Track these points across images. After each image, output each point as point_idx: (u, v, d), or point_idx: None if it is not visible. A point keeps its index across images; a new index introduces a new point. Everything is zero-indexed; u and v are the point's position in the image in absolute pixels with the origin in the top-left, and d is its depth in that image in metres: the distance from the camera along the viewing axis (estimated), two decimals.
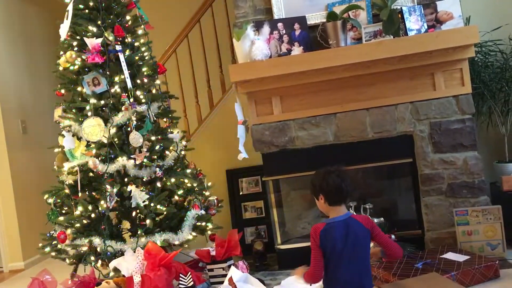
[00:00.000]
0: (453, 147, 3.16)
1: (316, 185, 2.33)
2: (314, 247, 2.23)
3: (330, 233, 2.23)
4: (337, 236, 2.21)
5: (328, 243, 2.21)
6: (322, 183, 2.31)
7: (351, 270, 2.20)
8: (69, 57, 3.14)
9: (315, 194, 2.34)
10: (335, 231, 2.23)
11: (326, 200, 2.29)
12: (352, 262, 2.20)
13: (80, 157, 3.09)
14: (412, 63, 3.10)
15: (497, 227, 2.96)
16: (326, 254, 2.21)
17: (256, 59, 3.18)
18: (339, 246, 2.20)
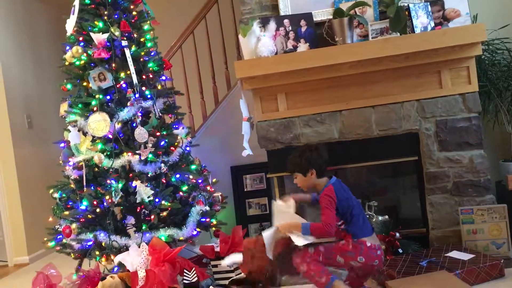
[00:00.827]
0: (459, 145, 3.14)
1: (308, 161, 2.42)
2: (330, 204, 2.36)
3: (341, 186, 2.44)
4: (346, 189, 2.45)
5: (345, 193, 2.42)
6: (316, 158, 2.43)
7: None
8: (75, 52, 3.15)
9: (304, 170, 2.42)
10: (342, 185, 2.45)
11: (318, 173, 2.41)
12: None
13: (86, 152, 3.10)
14: (419, 61, 3.09)
15: (503, 226, 2.95)
16: (349, 204, 2.40)
17: (262, 56, 3.18)
18: (351, 197, 2.44)
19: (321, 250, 2.41)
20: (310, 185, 2.46)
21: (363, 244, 2.39)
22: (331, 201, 2.38)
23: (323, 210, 2.39)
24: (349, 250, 2.39)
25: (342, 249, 2.41)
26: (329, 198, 2.38)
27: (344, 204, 2.42)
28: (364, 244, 2.39)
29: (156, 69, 3.36)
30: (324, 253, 2.41)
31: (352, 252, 2.39)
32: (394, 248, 3.05)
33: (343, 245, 2.41)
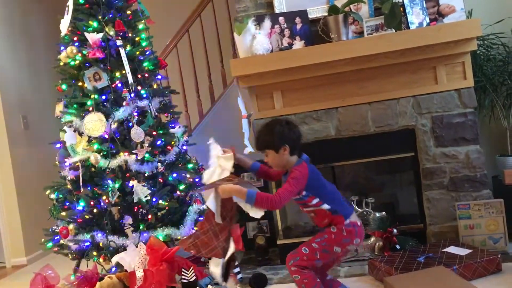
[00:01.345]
0: (455, 141, 3.15)
1: (280, 136, 2.23)
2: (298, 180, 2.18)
3: (311, 166, 2.28)
4: (315, 167, 2.30)
5: (315, 174, 2.27)
6: (289, 132, 2.25)
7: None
8: (70, 52, 3.14)
9: (276, 146, 2.22)
10: (312, 165, 2.29)
11: (291, 150, 2.23)
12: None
13: (82, 153, 3.10)
14: (414, 57, 3.09)
15: (499, 220, 2.96)
16: (318, 187, 2.25)
17: (257, 54, 3.17)
18: (321, 175, 2.30)
19: (315, 247, 2.27)
20: (283, 162, 2.27)
21: (355, 225, 2.28)
22: (301, 178, 2.19)
23: (287, 182, 2.20)
24: (344, 237, 2.26)
25: (338, 238, 2.27)
26: (300, 174, 2.20)
27: (315, 182, 2.26)
28: (356, 225, 2.28)
29: (152, 68, 3.35)
30: (319, 249, 2.27)
31: (348, 238, 2.27)
32: (391, 244, 3.06)
33: (337, 233, 2.26)
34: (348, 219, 2.27)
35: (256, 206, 2.16)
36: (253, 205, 2.16)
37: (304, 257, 2.27)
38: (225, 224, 2.35)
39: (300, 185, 2.20)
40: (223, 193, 2.23)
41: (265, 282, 2.98)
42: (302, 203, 2.32)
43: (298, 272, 2.25)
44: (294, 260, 2.28)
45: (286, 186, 2.18)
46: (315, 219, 2.35)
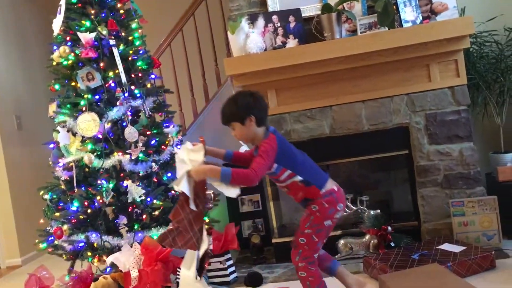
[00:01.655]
0: (448, 138, 3.16)
1: (245, 106, 2.15)
2: (268, 153, 2.12)
3: (280, 136, 2.22)
4: (283, 137, 2.26)
5: (284, 143, 2.21)
6: (254, 102, 2.18)
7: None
8: (63, 52, 3.12)
9: (242, 117, 2.15)
10: (281, 135, 2.25)
11: (258, 121, 2.16)
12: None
13: (76, 153, 3.08)
14: (407, 55, 3.10)
15: (493, 217, 2.97)
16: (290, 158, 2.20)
17: (251, 52, 3.17)
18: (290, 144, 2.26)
19: (309, 232, 2.22)
20: (250, 135, 2.19)
21: (333, 192, 2.23)
22: (270, 150, 2.13)
23: (258, 156, 2.12)
24: (328, 208, 2.21)
25: (324, 213, 2.21)
26: (269, 147, 2.13)
27: (285, 153, 2.20)
28: (333, 192, 2.23)
29: (145, 67, 3.34)
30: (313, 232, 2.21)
31: (331, 207, 2.22)
32: (386, 242, 3.06)
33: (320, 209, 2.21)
34: (324, 189, 2.22)
35: (233, 183, 2.07)
36: (229, 183, 2.07)
37: (305, 247, 2.23)
38: (198, 213, 2.24)
39: (271, 157, 2.13)
40: (197, 174, 2.13)
41: (260, 281, 2.98)
42: (275, 178, 2.26)
43: (305, 269, 2.23)
44: (299, 255, 2.24)
45: (258, 159, 2.11)
46: (291, 194, 2.29)
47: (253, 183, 2.08)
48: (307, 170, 2.24)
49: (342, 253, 3.17)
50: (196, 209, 2.21)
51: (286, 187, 2.27)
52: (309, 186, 2.22)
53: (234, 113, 2.18)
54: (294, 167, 2.21)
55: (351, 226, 3.33)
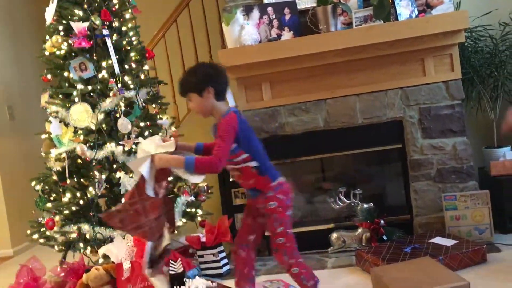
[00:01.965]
0: (442, 132, 3.17)
1: (204, 77, 2.06)
2: (228, 134, 2.02)
3: (242, 117, 2.12)
4: (246, 121, 2.16)
5: (245, 125, 2.12)
6: (214, 74, 2.08)
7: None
8: (55, 41, 3.09)
9: (200, 88, 2.05)
10: (243, 117, 2.14)
11: (217, 94, 2.06)
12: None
13: (68, 144, 3.06)
14: (403, 48, 3.09)
15: (485, 211, 2.99)
16: (249, 140, 2.11)
17: (246, 44, 3.15)
18: (253, 131, 2.18)
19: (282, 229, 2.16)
20: (207, 108, 2.09)
21: (283, 184, 2.18)
22: (230, 130, 2.03)
23: (218, 140, 2.03)
24: (285, 199, 2.17)
25: (283, 206, 2.16)
26: (228, 127, 2.03)
27: (246, 135, 2.10)
28: (283, 183, 2.19)
29: (139, 58, 3.32)
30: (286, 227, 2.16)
31: (287, 198, 2.18)
32: (378, 235, 3.08)
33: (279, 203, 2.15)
34: (275, 181, 2.16)
35: (197, 171, 2.02)
36: (193, 172, 2.01)
37: (287, 244, 2.17)
38: (156, 202, 2.12)
39: (232, 137, 2.04)
40: (160, 161, 2.05)
41: None
42: (230, 158, 2.13)
43: (297, 264, 2.19)
44: (286, 255, 2.19)
45: (219, 142, 2.03)
46: (241, 179, 2.20)
47: (218, 170, 2.03)
48: (264, 159, 2.17)
49: (335, 246, 3.18)
50: (153, 196, 2.10)
51: (238, 170, 2.15)
52: (262, 175, 2.14)
53: (191, 83, 2.09)
54: (251, 151, 2.12)
55: (344, 220, 3.34)
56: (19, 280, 2.86)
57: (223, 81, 2.14)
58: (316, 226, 3.36)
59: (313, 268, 2.93)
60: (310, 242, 3.27)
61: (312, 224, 3.41)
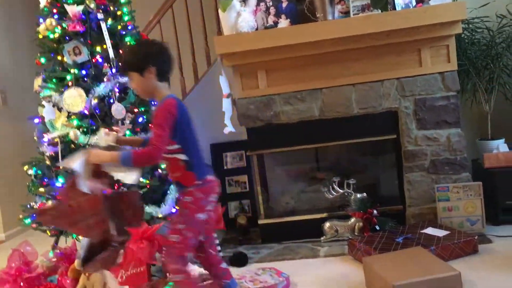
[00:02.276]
0: (437, 124, 3.17)
1: (145, 55, 1.95)
2: (166, 121, 1.91)
3: (183, 106, 1.99)
4: (187, 110, 2.01)
5: (185, 118, 1.97)
6: (157, 53, 1.97)
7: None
8: (49, 24, 3.05)
9: (141, 67, 1.95)
10: (185, 107, 2.01)
11: (158, 73, 1.96)
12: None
13: (61, 128, 3.03)
14: (399, 39, 3.08)
15: (477, 203, 3.01)
16: (185, 131, 1.98)
17: (242, 31, 3.13)
18: (192, 121, 2.03)
19: (182, 227, 2.01)
20: (149, 89, 2.00)
21: (208, 182, 2.05)
22: (168, 116, 1.92)
23: (154, 127, 1.93)
24: (201, 199, 2.02)
25: (197, 205, 2.01)
26: (166, 113, 1.92)
27: (183, 126, 1.98)
28: (208, 181, 2.05)
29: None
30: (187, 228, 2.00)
31: (204, 198, 2.03)
32: (371, 225, 3.09)
33: (194, 200, 2.01)
34: (201, 180, 2.03)
35: (135, 164, 1.92)
36: (131, 165, 1.92)
37: (177, 245, 2.00)
38: (93, 198, 2.00)
39: (170, 124, 1.92)
40: (94, 157, 1.95)
41: (245, 261, 2.99)
42: None
43: (180, 271, 2.00)
44: (170, 257, 2.02)
45: (156, 131, 1.92)
46: (167, 169, 2.12)
47: (157, 160, 1.95)
48: (196, 154, 2.04)
49: (328, 235, 3.19)
50: (88, 192, 1.99)
51: (167, 160, 2.04)
52: (189, 171, 2.02)
53: (132, 61, 1.99)
54: (185, 143, 2.00)
55: (337, 209, 3.34)
56: (11, 265, 2.84)
57: (166, 61, 2.02)
58: (309, 215, 3.37)
59: (305, 256, 2.99)
60: (303, 231, 3.29)
61: (305, 213, 3.42)
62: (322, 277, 2.68)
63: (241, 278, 2.65)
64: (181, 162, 2.02)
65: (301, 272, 2.77)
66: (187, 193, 2.03)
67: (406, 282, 2.15)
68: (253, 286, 2.54)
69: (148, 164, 2.04)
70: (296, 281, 2.64)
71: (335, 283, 2.57)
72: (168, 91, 2.05)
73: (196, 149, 2.06)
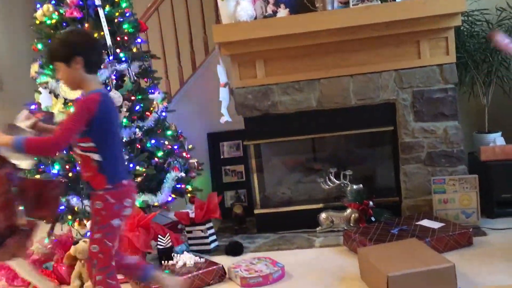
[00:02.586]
0: (434, 116, 3.17)
1: (71, 44, 1.87)
2: (80, 116, 1.83)
3: (109, 104, 1.92)
4: (114, 109, 1.95)
5: (108, 115, 1.88)
6: (84, 42, 1.89)
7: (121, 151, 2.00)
8: (46, 10, 3.03)
9: (67, 57, 1.86)
10: (112, 105, 1.94)
11: (87, 65, 1.87)
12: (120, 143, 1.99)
13: (57, 115, 3.02)
14: (398, 30, 3.07)
15: (473, 196, 3.02)
16: (103, 131, 1.89)
17: (241, 20, 3.11)
18: (117, 121, 1.98)
19: (99, 237, 1.93)
20: (75, 80, 1.91)
21: (120, 186, 1.96)
22: (83, 112, 1.83)
23: (66, 119, 1.87)
24: (114, 204, 1.93)
25: (109, 211, 1.92)
26: (83, 108, 1.84)
27: (103, 125, 1.88)
28: (121, 185, 1.96)
29: (131, 31, 3.26)
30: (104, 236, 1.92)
31: (117, 204, 1.93)
32: (367, 216, 3.10)
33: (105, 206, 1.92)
34: (112, 184, 1.93)
35: (28, 152, 1.84)
36: (24, 152, 1.83)
37: (99, 255, 1.93)
38: None
39: (82, 118, 1.83)
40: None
41: (240, 251, 3.00)
42: (77, 141, 1.94)
43: (104, 284, 1.93)
44: (94, 268, 1.94)
45: (65, 121, 1.85)
46: (80, 167, 2.04)
47: (53, 151, 1.88)
48: (112, 157, 1.94)
49: (323, 226, 3.20)
50: None
51: (79, 156, 1.96)
52: (101, 173, 1.92)
53: (58, 51, 1.90)
54: (101, 143, 1.91)
55: (333, 200, 3.35)
56: None
57: (94, 52, 1.94)
58: (305, 205, 3.37)
59: (301, 247, 3.00)
60: (299, 221, 3.29)
61: (301, 204, 3.43)
62: (317, 267, 2.69)
63: (236, 267, 2.66)
64: (94, 162, 1.92)
65: (296, 262, 2.78)
66: (98, 198, 1.94)
67: (400, 273, 2.16)
68: (248, 275, 2.54)
69: (42, 154, 1.93)
70: (291, 271, 2.65)
71: (330, 273, 2.59)
72: (97, 85, 1.97)
73: (114, 151, 1.96)
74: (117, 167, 1.97)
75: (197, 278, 2.57)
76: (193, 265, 2.67)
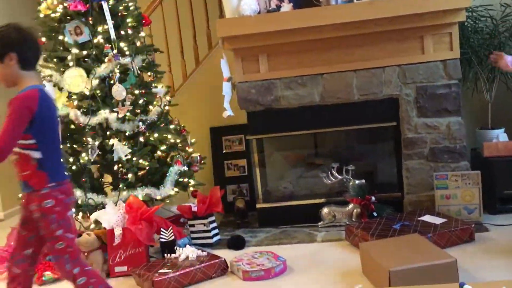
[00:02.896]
0: (437, 112, 3.17)
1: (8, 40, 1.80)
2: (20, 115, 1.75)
3: (48, 100, 1.85)
4: (53, 104, 1.88)
5: (46, 112, 1.82)
6: (21, 39, 1.82)
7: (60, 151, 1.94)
8: (50, 3, 3.03)
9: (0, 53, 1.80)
10: (51, 100, 1.87)
11: (22, 62, 1.81)
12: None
13: (62, 108, 3.03)
14: (402, 25, 3.06)
15: (475, 192, 3.02)
16: (44, 127, 1.84)
17: (245, 15, 3.11)
18: (56, 117, 1.91)
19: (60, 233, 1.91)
20: (10, 77, 1.84)
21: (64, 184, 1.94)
22: (23, 111, 1.76)
23: (6, 119, 1.78)
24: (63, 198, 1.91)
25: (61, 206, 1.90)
26: (22, 106, 1.77)
27: (44, 123, 1.83)
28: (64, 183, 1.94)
29: (135, 24, 3.26)
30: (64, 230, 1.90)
31: (67, 197, 1.93)
32: (369, 211, 3.10)
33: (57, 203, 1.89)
34: (54, 182, 1.90)
35: None
36: None
37: (68, 249, 1.92)
38: None
39: (23, 118, 1.77)
40: None
41: (242, 244, 3.01)
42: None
43: (83, 273, 1.93)
44: (68, 263, 1.92)
45: (5, 124, 1.77)
46: (16, 166, 1.92)
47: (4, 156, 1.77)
48: (53, 154, 1.90)
49: (325, 221, 3.21)
50: None
51: (17, 154, 1.88)
52: (41, 171, 1.87)
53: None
54: (41, 140, 1.85)
55: (336, 195, 3.36)
56: (10, 243, 2.87)
57: (30, 48, 1.87)
58: (308, 200, 3.38)
59: (302, 241, 3.01)
60: (301, 216, 3.30)
61: (304, 198, 3.44)
62: (318, 262, 2.70)
63: (238, 261, 2.67)
64: (33, 160, 1.86)
65: (298, 256, 2.79)
66: (44, 197, 1.88)
67: (402, 268, 2.17)
68: (250, 269, 2.56)
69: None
70: (292, 265, 2.67)
71: (332, 268, 2.60)
72: (33, 81, 1.89)
73: (54, 148, 1.93)
74: (58, 164, 1.94)
75: (199, 272, 2.59)
76: (196, 258, 2.69)
